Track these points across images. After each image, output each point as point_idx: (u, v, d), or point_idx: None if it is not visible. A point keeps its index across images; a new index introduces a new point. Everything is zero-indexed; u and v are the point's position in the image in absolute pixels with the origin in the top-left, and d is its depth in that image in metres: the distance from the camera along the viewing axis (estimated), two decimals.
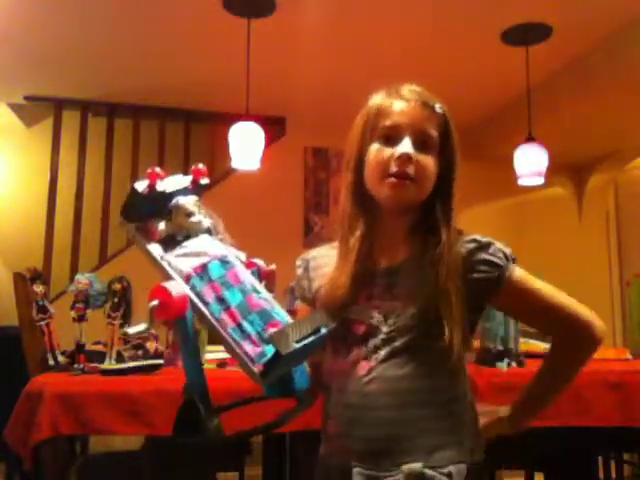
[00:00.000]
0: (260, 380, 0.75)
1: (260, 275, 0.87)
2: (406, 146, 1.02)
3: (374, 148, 1.05)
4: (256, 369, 0.74)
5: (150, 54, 3.61)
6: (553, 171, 3.69)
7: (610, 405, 1.77)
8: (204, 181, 0.91)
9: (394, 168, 1.02)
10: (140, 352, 2.18)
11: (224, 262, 0.83)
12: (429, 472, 0.97)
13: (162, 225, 0.85)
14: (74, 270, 3.91)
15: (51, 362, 1.96)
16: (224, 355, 2.08)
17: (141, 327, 0.79)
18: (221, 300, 0.78)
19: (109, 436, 2.80)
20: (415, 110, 1.04)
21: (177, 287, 0.77)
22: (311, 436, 1.22)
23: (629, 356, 2.21)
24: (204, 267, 0.80)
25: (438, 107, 1.06)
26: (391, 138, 1.04)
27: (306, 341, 0.75)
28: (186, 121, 4.46)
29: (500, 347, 1.96)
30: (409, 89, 1.07)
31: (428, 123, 1.04)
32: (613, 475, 2.91)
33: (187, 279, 0.79)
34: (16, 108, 4.39)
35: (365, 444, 1.01)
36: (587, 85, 3.53)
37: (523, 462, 2.58)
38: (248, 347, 0.75)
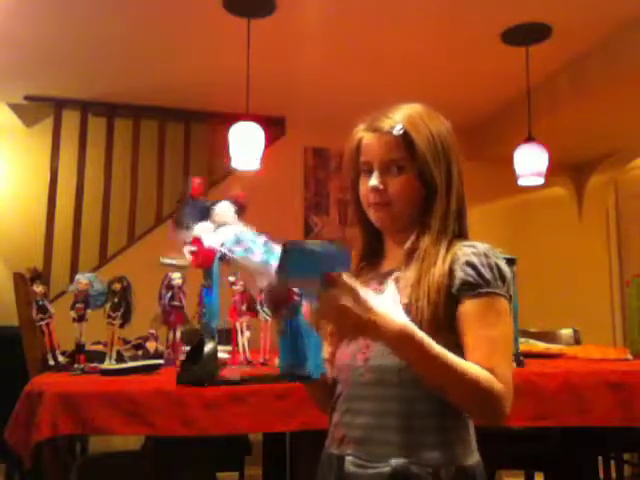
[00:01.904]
0: (275, 277, 0.87)
1: None
2: (373, 179, 1.12)
3: (361, 181, 1.16)
4: (273, 268, 0.87)
5: (150, 54, 3.61)
6: (553, 171, 3.69)
7: (610, 405, 1.77)
8: (243, 202, 1.11)
9: (371, 199, 1.13)
10: (140, 352, 2.18)
11: (254, 234, 0.97)
12: (415, 469, 0.99)
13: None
14: (74, 270, 3.91)
15: (51, 362, 1.95)
16: (224, 355, 2.09)
17: (182, 261, 0.96)
18: (247, 249, 0.93)
19: (109, 436, 2.80)
20: (379, 140, 1.12)
21: (209, 239, 0.96)
22: (311, 436, 1.23)
23: (629, 356, 2.20)
24: (236, 234, 0.97)
25: (397, 129, 1.10)
26: (369, 171, 1.14)
27: (319, 248, 0.86)
28: (186, 121, 4.46)
29: None
30: (378, 118, 1.14)
31: (390, 148, 1.11)
32: (613, 475, 2.91)
33: (222, 245, 0.96)
34: (16, 108, 4.39)
35: (358, 434, 1.05)
36: (587, 85, 3.53)
37: (523, 462, 2.58)
38: (273, 262, 0.89)
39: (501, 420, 0.98)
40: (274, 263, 0.88)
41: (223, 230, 0.99)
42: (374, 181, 1.11)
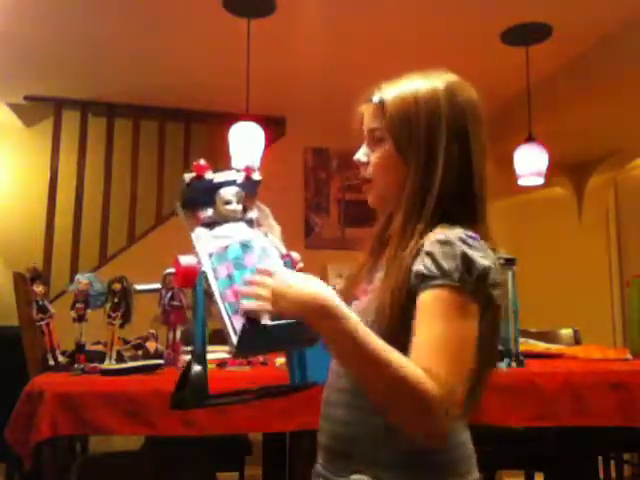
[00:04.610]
0: (235, 350, 0.82)
1: (292, 266, 0.94)
2: (358, 152, 1.05)
3: None
4: (234, 340, 0.82)
5: (150, 54, 3.61)
6: (553, 171, 3.69)
7: (610, 405, 1.77)
8: (256, 177, 1.03)
9: (360, 175, 1.06)
10: (140, 352, 2.18)
11: (244, 246, 0.91)
12: None
13: (209, 212, 0.96)
14: (74, 270, 3.91)
15: (51, 362, 1.95)
16: (224, 355, 2.08)
17: (154, 285, 0.91)
18: (230, 278, 0.87)
19: (109, 436, 2.80)
20: (367, 110, 1.05)
21: (188, 260, 0.89)
22: (311, 436, 1.23)
23: (629, 356, 2.20)
24: (225, 248, 0.90)
25: (376, 97, 1.02)
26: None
27: (280, 322, 0.80)
28: (186, 121, 4.46)
29: (500, 347, 1.96)
30: (374, 90, 1.05)
31: (372, 118, 1.03)
32: (613, 475, 2.91)
33: (209, 257, 0.90)
34: (16, 108, 4.39)
35: (327, 442, 1.00)
36: (587, 85, 3.53)
37: (523, 462, 2.58)
38: (235, 320, 0.83)
39: (435, 431, 0.82)
40: (237, 322, 0.82)
41: (220, 232, 0.94)
42: (357, 154, 1.05)
